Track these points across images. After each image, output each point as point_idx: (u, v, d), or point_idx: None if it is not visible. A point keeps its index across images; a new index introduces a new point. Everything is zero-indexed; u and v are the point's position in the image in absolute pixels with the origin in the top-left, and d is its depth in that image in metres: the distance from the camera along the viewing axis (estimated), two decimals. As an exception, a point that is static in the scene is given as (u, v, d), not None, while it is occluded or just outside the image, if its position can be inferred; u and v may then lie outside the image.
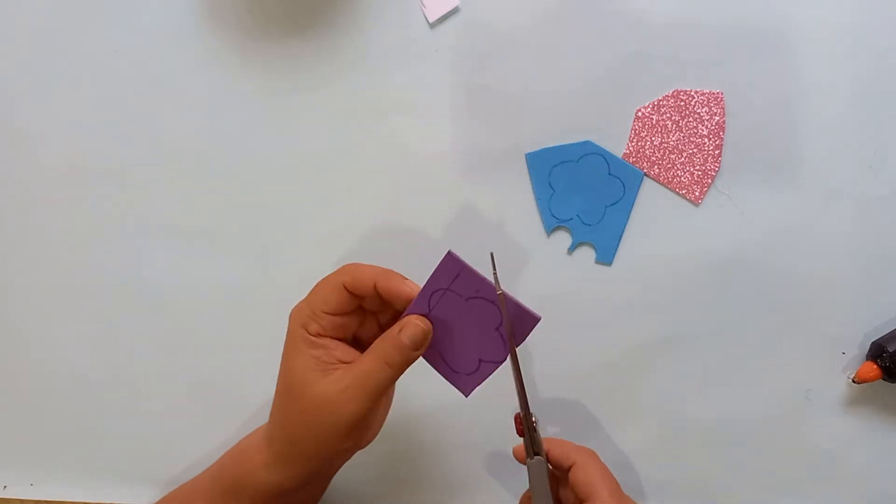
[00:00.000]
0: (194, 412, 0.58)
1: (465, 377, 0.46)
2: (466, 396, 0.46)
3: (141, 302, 0.58)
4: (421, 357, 0.45)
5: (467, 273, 0.43)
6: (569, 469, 0.47)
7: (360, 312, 0.46)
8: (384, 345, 0.44)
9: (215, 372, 0.58)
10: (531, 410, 0.46)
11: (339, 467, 0.49)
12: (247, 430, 0.57)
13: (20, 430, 0.59)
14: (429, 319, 0.44)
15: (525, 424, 0.46)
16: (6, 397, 0.59)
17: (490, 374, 0.45)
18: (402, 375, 0.45)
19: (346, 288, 0.44)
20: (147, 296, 0.58)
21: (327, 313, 0.44)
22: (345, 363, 0.45)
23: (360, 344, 0.47)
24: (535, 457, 0.46)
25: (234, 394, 0.58)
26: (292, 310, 0.46)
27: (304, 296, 0.57)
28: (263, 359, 0.57)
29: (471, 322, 0.44)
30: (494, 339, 0.45)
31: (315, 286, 0.46)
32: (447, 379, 0.46)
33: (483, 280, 0.43)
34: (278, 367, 0.57)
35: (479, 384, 0.46)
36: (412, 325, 0.44)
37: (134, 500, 0.58)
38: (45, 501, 0.59)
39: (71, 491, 0.59)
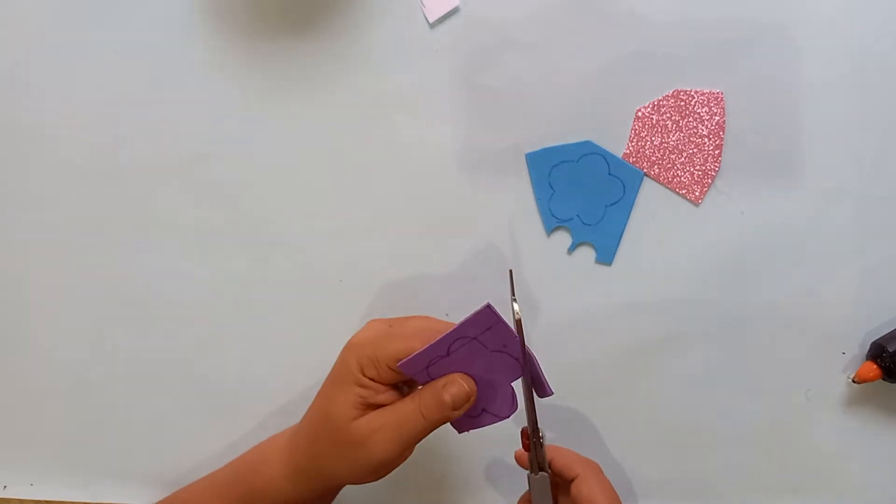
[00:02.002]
0: (194, 412, 0.58)
1: (465, 417, 0.45)
2: (459, 433, 0.46)
3: (141, 302, 0.58)
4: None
5: (500, 327, 0.42)
6: (571, 480, 0.48)
7: None
8: (426, 397, 0.43)
9: (215, 372, 0.58)
10: (539, 426, 0.46)
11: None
12: (247, 431, 0.58)
13: (20, 430, 0.59)
14: (448, 362, 0.43)
15: (532, 440, 0.46)
16: (6, 397, 0.59)
17: (487, 425, 0.46)
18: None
19: None
20: (147, 296, 0.58)
21: (390, 367, 0.43)
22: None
23: (408, 386, 0.47)
24: (540, 473, 0.46)
25: (233, 394, 0.58)
26: (353, 341, 0.45)
27: (303, 296, 0.57)
28: (263, 359, 0.58)
29: (488, 372, 0.44)
30: (505, 395, 0.45)
31: (388, 334, 0.45)
32: None
33: (512, 336, 0.43)
34: (280, 367, 0.57)
35: (475, 428, 0.46)
36: (457, 385, 0.43)
37: (134, 500, 0.58)
38: (45, 501, 0.59)
39: (71, 491, 0.59)
